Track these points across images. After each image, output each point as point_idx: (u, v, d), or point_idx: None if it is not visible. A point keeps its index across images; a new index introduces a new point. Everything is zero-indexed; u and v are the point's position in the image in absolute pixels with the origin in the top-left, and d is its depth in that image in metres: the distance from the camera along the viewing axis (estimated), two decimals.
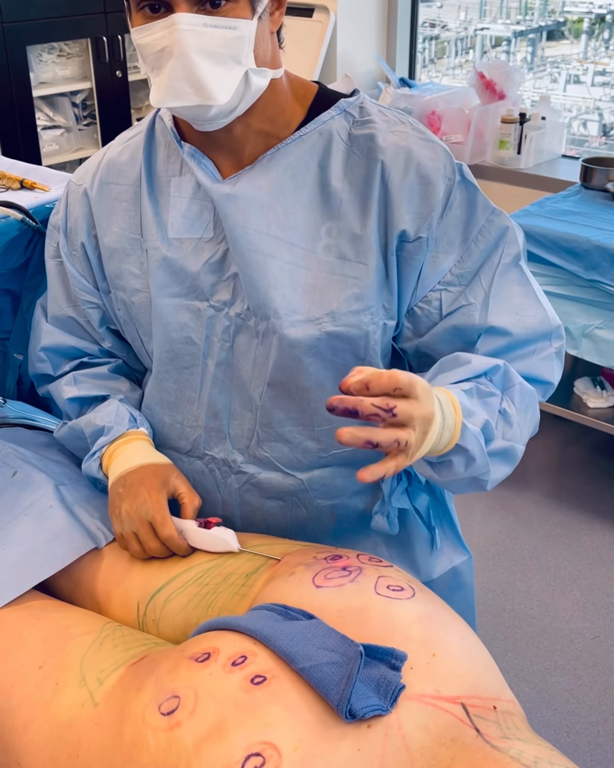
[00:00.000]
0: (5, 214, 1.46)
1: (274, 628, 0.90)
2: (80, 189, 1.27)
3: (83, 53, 3.62)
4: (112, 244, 1.24)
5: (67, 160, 3.70)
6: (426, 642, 0.90)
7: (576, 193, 2.95)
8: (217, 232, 1.17)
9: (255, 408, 1.22)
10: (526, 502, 2.89)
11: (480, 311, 1.15)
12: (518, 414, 1.11)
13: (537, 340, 1.17)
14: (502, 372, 1.11)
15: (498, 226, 1.17)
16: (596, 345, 2.64)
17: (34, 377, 1.41)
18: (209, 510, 1.32)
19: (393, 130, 1.14)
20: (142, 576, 1.17)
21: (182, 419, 1.28)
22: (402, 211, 1.12)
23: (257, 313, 1.16)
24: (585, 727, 2.11)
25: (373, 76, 3.79)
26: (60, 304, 1.33)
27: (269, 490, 1.27)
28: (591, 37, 5.01)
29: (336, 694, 0.82)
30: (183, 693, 0.86)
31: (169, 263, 1.20)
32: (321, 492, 1.27)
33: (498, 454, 1.08)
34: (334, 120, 1.15)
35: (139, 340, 1.29)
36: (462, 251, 1.15)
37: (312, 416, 1.22)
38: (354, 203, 1.13)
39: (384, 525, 1.27)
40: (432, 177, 1.12)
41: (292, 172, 1.14)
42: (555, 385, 1.19)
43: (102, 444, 1.27)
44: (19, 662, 1.03)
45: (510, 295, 1.16)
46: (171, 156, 1.20)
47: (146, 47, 1.05)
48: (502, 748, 0.82)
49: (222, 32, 1.03)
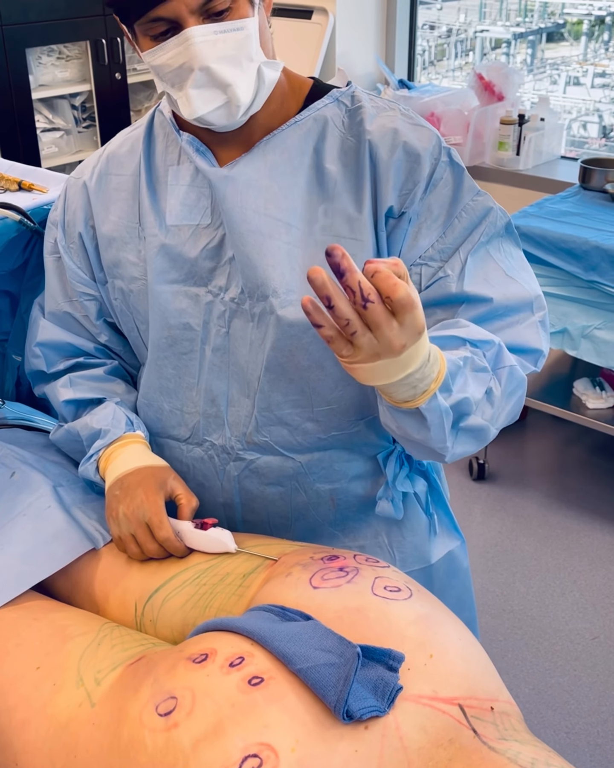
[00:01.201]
0: (3, 215, 1.46)
1: (271, 629, 0.90)
2: (79, 182, 1.30)
3: (82, 55, 3.63)
4: (110, 233, 1.26)
5: (67, 162, 3.70)
6: (424, 643, 0.90)
7: (575, 194, 2.96)
8: (215, 218, 1.19)
9: (253, 393, 1.23)
10: (526, 502, 2.90)
11: (456, 282, 1.16)
12: (502, 397, 1.11)
13: (520, 310, 1.18)
14: (497, 350, 1.12)
15: (483, 206, 1.18)
16: (595, 346, 2.64)
17: (29, 375, 1.42)
18: (209, 498, 1.32)
19: (381, 114, 1.18)
20: (139, 576, 1.17)
21: (182, 405, 1.29)
22: (389, 188, 1.14)
23: (254, 294, 1.17)
24: (584, 728, 2.11)
25: (372, 78, 3.79)
26: (57, 300, 1.34)
27: (268, 475, 1.28)
28: (590, 39, 5.01)
29: (334, 695, 0.82)
30: (180, 694, 0.86)
31: (167, 249, 1.21)
32: (320, 476, 1.28)
33: (470, 431, 1.08)
34: (328, 107, 1.18)
35: (135, 330, 1.30)
36: (444, 228, 1.17)
37: (310, 397, 1.22)
38: (348, 184, 1.16)
39: (390, 510, 1.28)
40: (418, 154, 1.14)
41: (288, 155, 1.17)
42: (545, 354, 1.19)
43: (98, 447, 1.27)
44: (17, 662, 1.03)
45: (489, 269, 1.18)
46: (169, 146, 1.23)
47: (163, 66, 1.08)
48: (499, 749, 0.82)
49: (232, 35, 1.06)
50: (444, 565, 1.39)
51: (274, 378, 1.21)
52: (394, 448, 1.30)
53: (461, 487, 2.97)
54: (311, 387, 1.21)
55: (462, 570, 1.44)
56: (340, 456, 1.28)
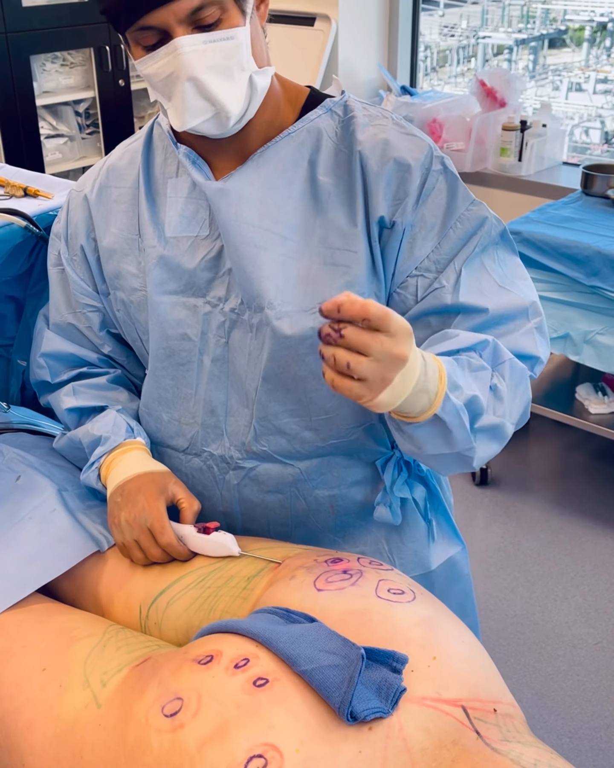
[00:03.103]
0: (9, 221, 1.47)
1: (275, 631, 0.90)
2: (81, 195, 1.31)
3: (86, 62, 3.64)
4: (110, 245, 1.27)
5: (71, 168, 3.71)
6: (427, 645, 0.91)
7: (577, 200, 2.96)
8: (213, 230, 1.20)
9: (251, 403, 1.23)
10: (528, 507, 2.90)
11: (451, 293, 1.16)
12: (508, 391, 1.11)
13: (515, 317, 1.18)
14: (492, 348, 1.12)
15: (478, 215, 1.18)
16: (597, 351, 2.64)
17: (34, 385, 1.43)
18: (209, 507, 1.33)
19: (373, 123, 1.18)
20: (144, 579, 1.18)
21: (179, 416, 1.29)
22: (380, 198, 1.14)
23: (251, 305, 1.18)
24: (587, 732, 2.11)
25: (375, 85, 3.80)
26: (61, 312, 1.35)
27: (268, 483, 1.28)
28: (592, 45, 5.02)
29: (338, 697, 0.82)
30: (186, 695, 0.87)
31: (166, 261, 1.22)
32: (319, 482, 1.28)
33: (486, 431, 1.08)
34: (321, 118, 1.18)
35: (139, 340, 1.31)
36: (440, 238, 1.17)
37: (308, 406, 1.23)
38: (341, 196, 1.16)
39: (387, 515, 1.28)
40: (409, 164, 1.14)
41: (282, 167, 1.17)
42: (543, 360, 1.19)
43: (99, 454, 1.28)
44: (23, 664, 1.04)
45: (484, 279, 1.18)
46: (168, 159, 1.24)
47: (153, 76, 1.08)
48: (502, 750, 0.82)
49: (222, 45, 1.06)
50: (444, 571, 1.39)
51: (272, 388, 1.22)
52: (393, 454, 1.31)
53: (464, 492, 2.97)
54: (308, 397, 1.22)
55: (464, 576, 1.44)
56: (339, 462, 1.28)
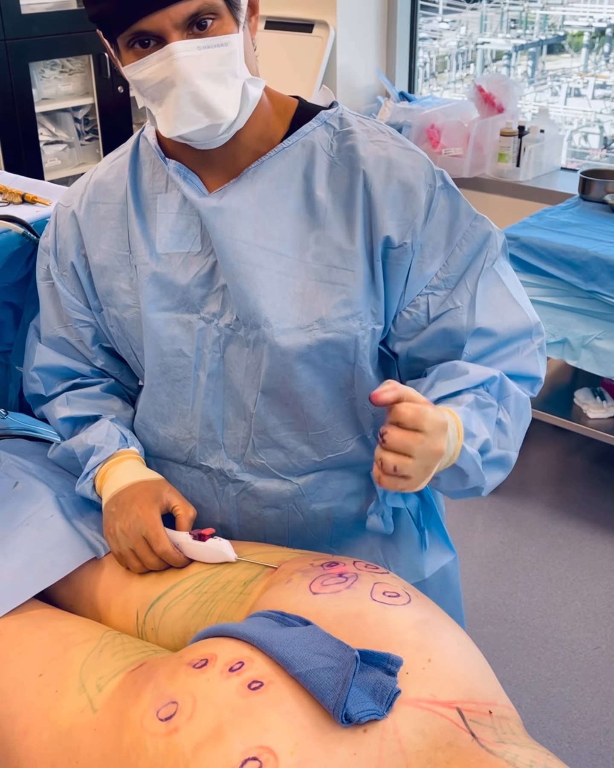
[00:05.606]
0: (7, 227, 1.48)
1: (270, 635, 0.91)
2: (68, 210, 1.29)
3: (85, 69, 3.65)
4: (101, 262, 1.26)
5: (70, 174, 3.72)
6: (422, 647, 0.91)
7: (575, 205, 2.97)
8: (205, 246, 1.19)
9: (249, 416, 1.23)
10: (527, 512, 2.90)
11: (467, 314, 1.18)
12: (512, 423, 1.17)
13: (520, 338, 1.21)
14: (499, 383, 1.16)
15: (482, 231, 1.19)
16: (595, 355, 2.64)
17: (28, 398, 1.43)
18: (207, 518, 1.33)
19: (373, 139, 1.17)
20: (141, 585, 1.18)
21: (175, 432, 1.29)
22: (386, 218, 1.14)
23: (247, 322, 1.18)
24: (586, 738, 2.11)
25: (373, 91, 3.81)
26: (52, 326, 1.35)
27: (266, 498, 1.28)
28: (591, 51, 5.03)
29: (333, 699, 0.83)
30: (181, 698, 0.87)
31: (159, 278, 1.21)
32: (316, 495, 1.29)
33: (493, 462, 1.13)
34: (316, 132, 1.17)
35: (133, 356, 1.30)
36: (447, 255, 1.18)
37: (305, 421, 1.23)
38: (339, 212, 1.16)
39: (380, 525, 1.28)
40: (413, 184, 1.15)
41: (277, 183, 1.16)
42: (543, 380, 1.24)
43: (93, 464, 1.28)
44: (20, 669, 1.04)
45: (492, 297, 1.20)
46: (156, 173, 1.22)
47: (144, 81, 1.06)
48: (498, 752, 0.82)
49: (216, 51, 1.04)
50: (437, 580, 1.40)
51: (270, 401, 1.22)
52: None
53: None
54: (305, 412, 1.23)
55: (454, 586, 1.45)
56: (334, 474, 1.29)
